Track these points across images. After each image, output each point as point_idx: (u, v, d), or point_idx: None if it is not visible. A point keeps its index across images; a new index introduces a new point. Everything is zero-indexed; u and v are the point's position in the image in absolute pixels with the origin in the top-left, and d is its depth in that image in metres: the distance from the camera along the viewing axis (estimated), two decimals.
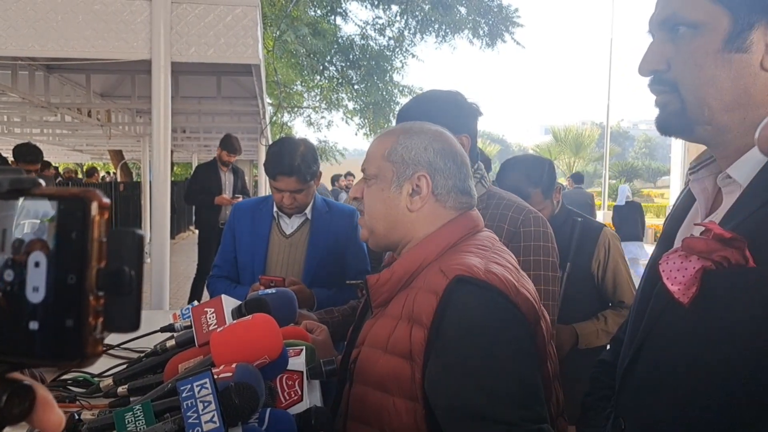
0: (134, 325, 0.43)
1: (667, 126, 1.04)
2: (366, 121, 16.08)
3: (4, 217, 0.43)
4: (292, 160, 2.41)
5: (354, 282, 2.47)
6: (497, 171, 2.85)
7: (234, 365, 1.12)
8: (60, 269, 0.41)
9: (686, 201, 1.16)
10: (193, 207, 7.63)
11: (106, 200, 0.43)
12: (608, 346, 1.46)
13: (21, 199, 0.43)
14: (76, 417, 1.23)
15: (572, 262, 2.58)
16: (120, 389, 1.43)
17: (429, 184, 1.36)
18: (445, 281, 1.22)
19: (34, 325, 0.41)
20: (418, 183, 1.36)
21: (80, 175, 19.78)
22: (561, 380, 1.40)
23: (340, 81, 15.71)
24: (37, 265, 0.41)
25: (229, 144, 6.60)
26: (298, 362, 1.40)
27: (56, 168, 18.50)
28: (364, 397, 1.29)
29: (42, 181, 0.45)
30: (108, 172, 20.50)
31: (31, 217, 0.42)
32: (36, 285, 0.41)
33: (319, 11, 14.86)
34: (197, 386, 1.02)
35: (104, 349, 0.43)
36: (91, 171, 17.04)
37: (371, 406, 1.27)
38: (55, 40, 3.13)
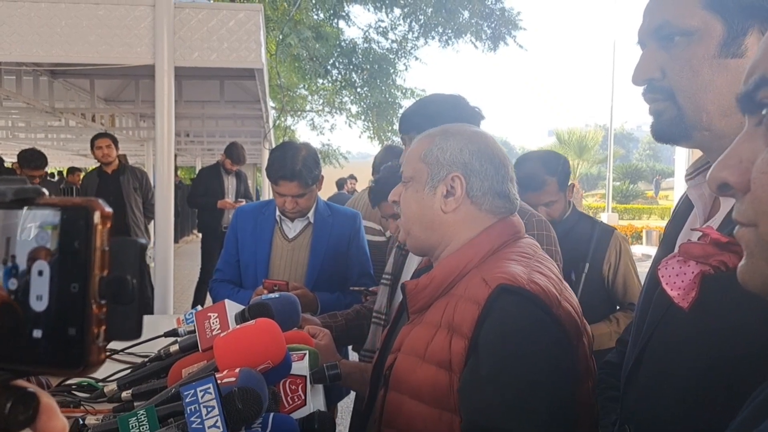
0: (136, 333, 0.43)
1: (664, 133, 1.04)
2: (369, 124, 16.11)
3: (7, 226, 0.43)
4: (294, 165, 2.42)
5: (358, 288, 2.47)
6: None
7: (237, 370, 1.12)
8: (63, 278, 0.42)
9: (686, 206, 1.16)
10: (196, 211, 7.65)
11: (109, 209, 0.43)
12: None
13: (25, 209, 0.43)
14: (81, 422, 1.23)
15: (590, 263, 2.59)
16: (124, 394, 1.44)
17: (463, 185, 1.33)
18: (487, 290, 1.18)
19: (37, 334, 0.42)
20: (452, 184, 1.34)
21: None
22: None
23: (343, 84, 15.74)
24: (40, 273, 0.42)
25: (234, 154, 6.61)
26: (301, 367, 1.41)
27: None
28: (399, 405, 1.26)
29: (45, 191, 0.45)
30: None
31: (34, 227, 0.43)
32: (39, 293, 0.42)
33: (321, 15, 14.89)
34: (201, 391, 1.02)
35: (107, 356, 0.43)
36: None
37: (407, 414, 1.24)
38: (59, 46, 3.15)
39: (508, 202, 1.38)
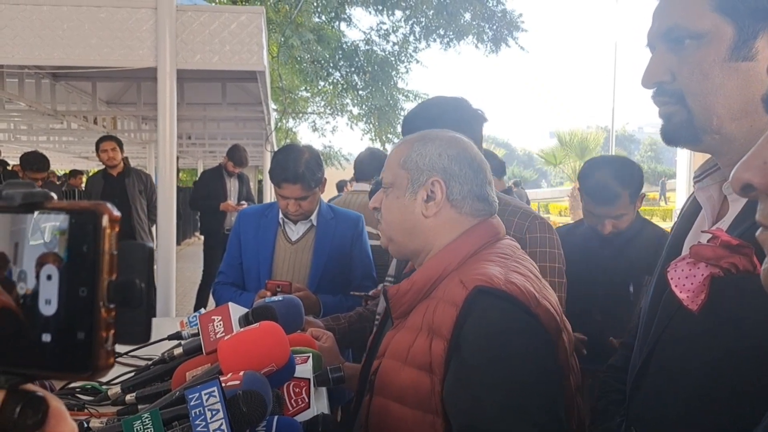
0: (144, 337, 0.43)
1: (673, 136, 1.04)
2: (371, 126, 16.11)
3: (16, 231, 0.43)
4: (297, 168, 2.42)
5: (358, 293, 2.47)
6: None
7: (241, 373, 1.12)
8: (72, 282, 0.42)
9: (693, 208, 1.16)
10: (198, 213, 7.66)
11: (117, 213, 0.43)
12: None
13: (35, 213, 0.43)
14: (85, 425, 1.23)
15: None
16: (128, 397, 1.43)
17: (443, 189, 1.34)
18: (464, 292, 1.19)
19: (46, 338, 0.41)
20: (433, 189, 1.35)
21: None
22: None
23: (344, 86, 15.76)
24: (49, 278, 0.42)
25: (236, 156, 6.62)
26: (304, 370, 1.41)
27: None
28: (384, 410, 1.27)
29: (54, 195, 0.45)
30: None
31: (43, 231, 0.43)
32: (48, 298, 0.42)
33: (323, 17, 14.91)
34: (205, 394, 1.02)
35: (115, 360, 0.43)
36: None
37: (391, 418, 1.25)
38: (61, 49, 3.16)
39: (487, 205, 1.39)
